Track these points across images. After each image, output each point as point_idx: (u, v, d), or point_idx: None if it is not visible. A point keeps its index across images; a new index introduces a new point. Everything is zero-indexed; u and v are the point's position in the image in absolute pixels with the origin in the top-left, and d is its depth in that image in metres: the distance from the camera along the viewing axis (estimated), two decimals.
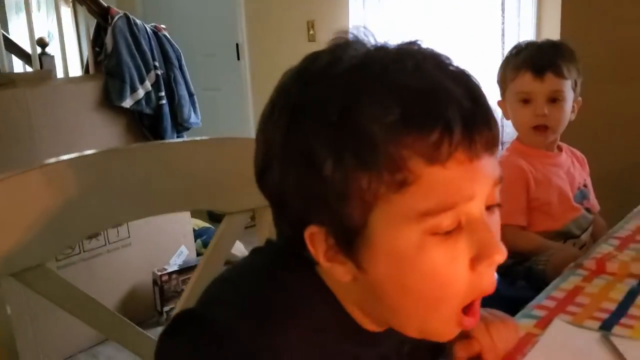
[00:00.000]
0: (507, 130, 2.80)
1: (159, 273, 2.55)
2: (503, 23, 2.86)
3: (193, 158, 0.99)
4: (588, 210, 1.50)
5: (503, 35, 2.87)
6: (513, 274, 1.41)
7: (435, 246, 0.49)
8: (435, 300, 0.52)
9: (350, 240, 0.51)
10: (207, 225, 3.26)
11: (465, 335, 0.69)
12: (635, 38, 2.01)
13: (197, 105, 2.85)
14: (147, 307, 2.57)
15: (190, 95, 2.81)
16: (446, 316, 0.53)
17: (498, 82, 1.51)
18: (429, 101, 0.47)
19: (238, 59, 4.15)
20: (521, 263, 1.41)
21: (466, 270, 0.51)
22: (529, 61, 1.40)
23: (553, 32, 2.39)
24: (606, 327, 0.81)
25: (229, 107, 4.26)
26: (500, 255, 0.51)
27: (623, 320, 0.82)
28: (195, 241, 2.93)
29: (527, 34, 2.83)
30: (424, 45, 0.53)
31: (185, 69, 2.80)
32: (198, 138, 1.01)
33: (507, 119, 1.52)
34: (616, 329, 0.80)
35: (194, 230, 2.97)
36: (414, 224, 0.49)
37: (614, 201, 1.51)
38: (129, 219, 0.94)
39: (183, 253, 2.72)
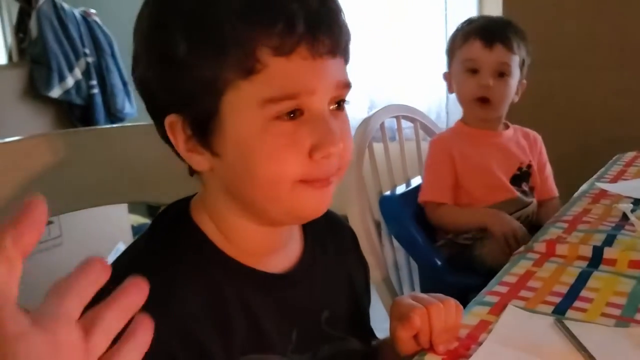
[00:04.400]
0: (453, 118, 2.81)
1: None
2: (446, 9, 2.86)
3: (127, 145, 0.91)
4: (525, 192, 1.47)
5: (446, 16, 2.86)
6: (456, 262, 1.40)
7: (277, 130, 0.55)
8: (276, 178, 0.56)
9: (204, 127, 0.56)
10: (146, 221, 3.14)
11: (406, 317, 0.67)
12: (576, 24, 2.04)
13: (132, 94, 2.72)
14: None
15: (124, 84, 2.69)
16: (290, 189, 0.57)
17: (446, 52, 1.48)
18: None
19: None
20: (462, 253, 1.39)
21: (305, 156, 0.56)
22: (480, 29, 1.37)
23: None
24: (559, 311, 0.79)
25: None
26: (334, 147, 0.56)
27: (576, 304, 0.80)
28: (134, 238, 2.80)
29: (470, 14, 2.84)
30: None
31: (119, 56, 2.67)
32: (131, 124, 0.94)
33: (451, 91, 1.48)
34: (569, 313, 0.78)
35: (133, 227, 2.84)
36: (259, 109, 0.54)
37: (565, 184, 1.51)
38: (59, 212, 0.85)
39: (120, 250, 2.59)
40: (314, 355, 0.68)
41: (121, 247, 2.59)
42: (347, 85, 0.59)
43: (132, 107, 2.72)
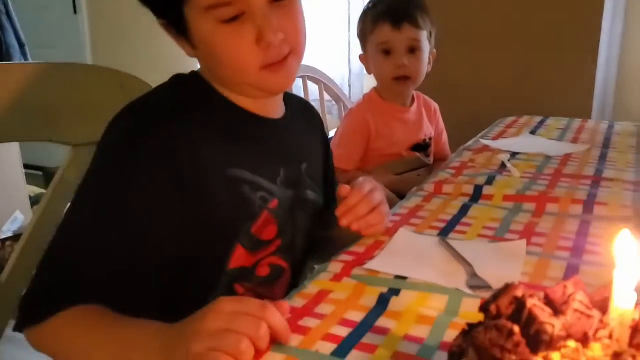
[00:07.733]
0: (354, 90, 2.93)
1: None
2: None
3: (25, 82, 0.91)
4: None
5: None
6: None
7: (224, 32, 0.69)
8: (239, 68, 0.71)
9: (179, 28, 0.73)
10: (43, 191, 3.02)
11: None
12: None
13: (29, 57, 2.61)
14: None
15: (21, 45, 2.57)
16: (256, 74, 0.72)
17: (358, 36, 1.56)
18: None
19: (75, 12, 3.78)
20: None
21: (254, 47, 0.70)
22: (387, 12, 1.46)
23: None
24: (444, 234, 0.89)
25: None
26: (273, 37, 0.69)
27: (457, 228, 0.92)
28: (32, 208, 2.70)
29: None
30: None
31: (14, 15, 2.55)
32: (30, 62, 0.94)
33: (370, 72, 1.56)
34: (452, 235, 0.89)
35: (30, 197, 2.74)
36: (205, 14, 0.69)
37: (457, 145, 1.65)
38: None
39: (18, 219, 2.50)
40: (297, 195, 0.83)
41: (19, 216, 2.49)
42: None
43: None
